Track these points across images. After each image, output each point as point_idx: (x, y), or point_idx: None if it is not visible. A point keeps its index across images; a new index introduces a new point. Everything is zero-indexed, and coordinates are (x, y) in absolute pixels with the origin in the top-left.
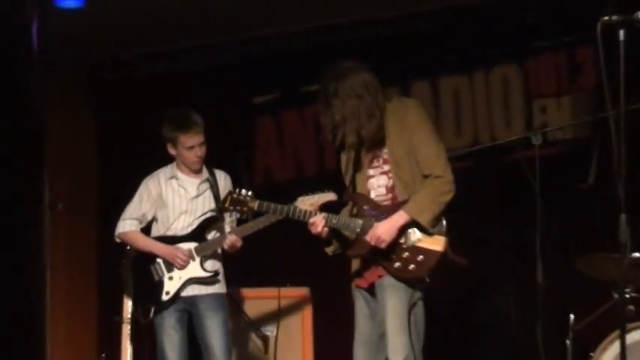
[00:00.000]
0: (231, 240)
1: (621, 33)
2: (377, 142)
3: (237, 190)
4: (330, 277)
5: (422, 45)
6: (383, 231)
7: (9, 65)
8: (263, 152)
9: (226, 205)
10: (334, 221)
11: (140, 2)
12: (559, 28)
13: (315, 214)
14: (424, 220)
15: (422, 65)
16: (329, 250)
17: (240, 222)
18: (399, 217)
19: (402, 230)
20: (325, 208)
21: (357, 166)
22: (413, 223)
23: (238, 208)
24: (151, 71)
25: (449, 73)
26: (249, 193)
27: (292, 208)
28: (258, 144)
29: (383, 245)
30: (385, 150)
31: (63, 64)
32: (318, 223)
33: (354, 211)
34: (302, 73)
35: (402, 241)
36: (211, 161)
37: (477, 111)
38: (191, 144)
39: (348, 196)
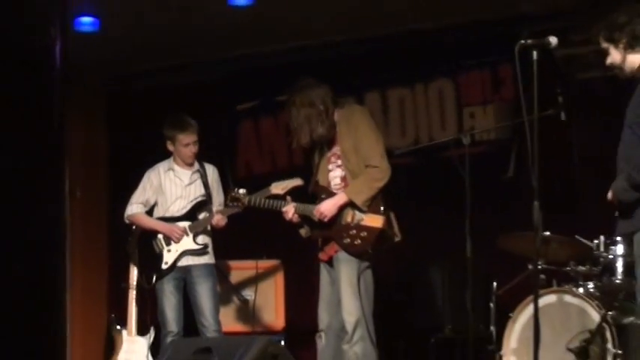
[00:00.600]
0: (217, 218)
1: (534, 54)
2: (329, 142)
3: (236, 190)
4: (298, 252)
5: (374, 63)
6: (325, 208)
7: (37, 78)
8: (244, 150)
9: (227, 201)
10: (301, 209)
11: (143, 28)
12: (484, 49)
13: (287, 204)
14: (359, 200)
15: (373, 79)
16: (302, 232)
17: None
18: (340, 197)
19: (344, 209)
20: (297, 196)
21: (320, 162)
22: (355, 206)
23: (235, 203)
24: (153, 84)
25: (395, 85)
26: (243, 191)
27: (270, 201)
28: (240, 143)
29: (325, 219)
30: (338, 147)
31: (80, 78)
32: (289, 211)
33: (317, 201)
34: (277, 85)
35: (349, 220)
36: (202, 157)
37: (418, 116)
38: (187, 142)
39: (311, 188)
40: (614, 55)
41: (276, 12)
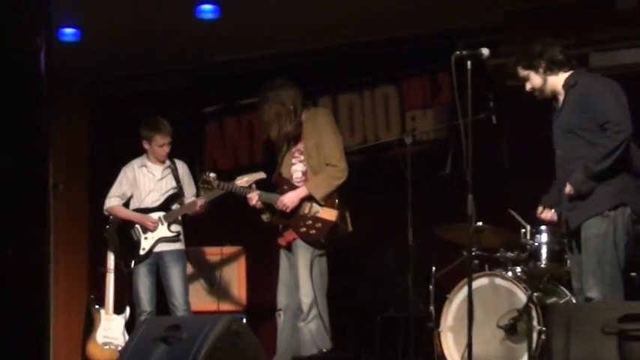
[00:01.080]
0: (199, 204)
1: (469, 63)
2: (295, 138)
3: (207, 173)
4: (259, 239)
5: (326, 71)
6: (288, 199)
7: (24, 83)
8: (210, 148)
9: (199, 183)
10: (264, 196)
11: (120, 39)
12: (425, 59)
13: (252, 191)
14: (318, 195)
15: (326, 86)
16: (264, 217)
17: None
18: (301, 190)
19: (304, 201)
20: (261, 186)
21: (285, 156)
22: (313, 199)
23: (207, 185)
24: (129, 89)
25: (345, 91)
26: (214, 175)
27: (237, 187)
28: (207, 142)
29: (287, 209)
30: (302, 144)
31: (64, 83)
32: (253, 198)
33: (279, 192)
34: (240, 90)
35: (306, 212)
36: (174, 154)
37: (365, 119)
38: (162, 143)
39: (274, 178)
40: (534, 80)
41: (240, 25)
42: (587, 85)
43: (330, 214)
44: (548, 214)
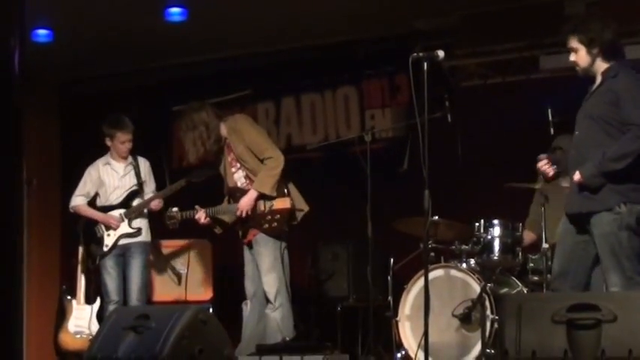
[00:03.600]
0: (157, 201)
1: (425, 65)
2: (226, 150)
3: (170, 209)
4: (224, 233)
5: (289, 72)
6: (243, 205)
7: None
8: (177, 144)
9: (166, 220)
10: (212, 211)
11: (91, 40)
12: (383, 61)
13: (198, 212)
14: (266, 190)
15: (289, 86)
16: (216, 230)
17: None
18: (251, 193)
19: (257, 201)
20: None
21: (225, 168)
22: (265, 196)
23: (172, 220)
24: (99, 87)
25: (307, 91)
26: (176, 209)
27: (186, 213)
28: (174, 139)
29: (245, 214)
30: (232, 154)
31: (37, 82)
32: (201, 216)
33: (231, 200)
34: (207, 90)
35: (262, 209)
36: (141, 151)
37: (327, 118)
38: (124, 140)
39: (225, 190)
40: (582, 57)
41: (206, 27)
42: (626, 82)
43: (284, 203)
44: (549, 169)
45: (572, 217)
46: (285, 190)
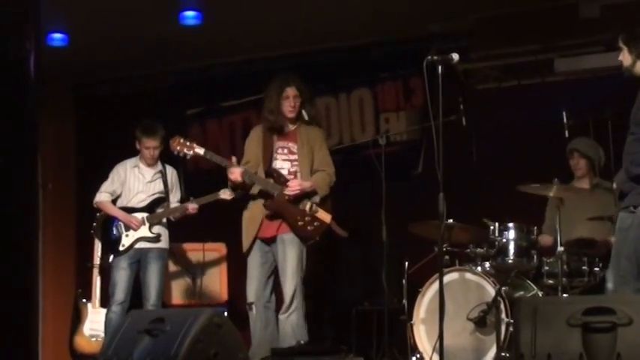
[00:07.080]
0: (193, 206)
1: (440, 68)
2: (284, 135)
3: (184, 138)
4: (239, 236)
5: (304, 75)
6: (295, 184)
7: (14, 84)
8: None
9: (172, 147)
10: (248, 175)
11: (106, 44)
12: (398, 64)
13: (235, 167)
14: (321, 192)
15: None
16: (236, 194)
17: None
18: (307, 183)
19: (302, 196)
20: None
21: (264, 147)
22: (309, 198)
23: (185, 150)
24: (114, 91)
25: (322, 94)
26: (194, 142)
27: (221, 159)
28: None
29: (292, 193)
30: (292, 145)
31: (52, 85)
32: (236, 172)
33: (271, 180)
34: (221, 94)
35: (306, 208)
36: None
37: (342, 121)
38: (148, 146)
39: (266, 169)
40: (625, 57)
41: (220, 31)
42: None
43: (326, 217)
44: None
45: None
46: (330, 206)
